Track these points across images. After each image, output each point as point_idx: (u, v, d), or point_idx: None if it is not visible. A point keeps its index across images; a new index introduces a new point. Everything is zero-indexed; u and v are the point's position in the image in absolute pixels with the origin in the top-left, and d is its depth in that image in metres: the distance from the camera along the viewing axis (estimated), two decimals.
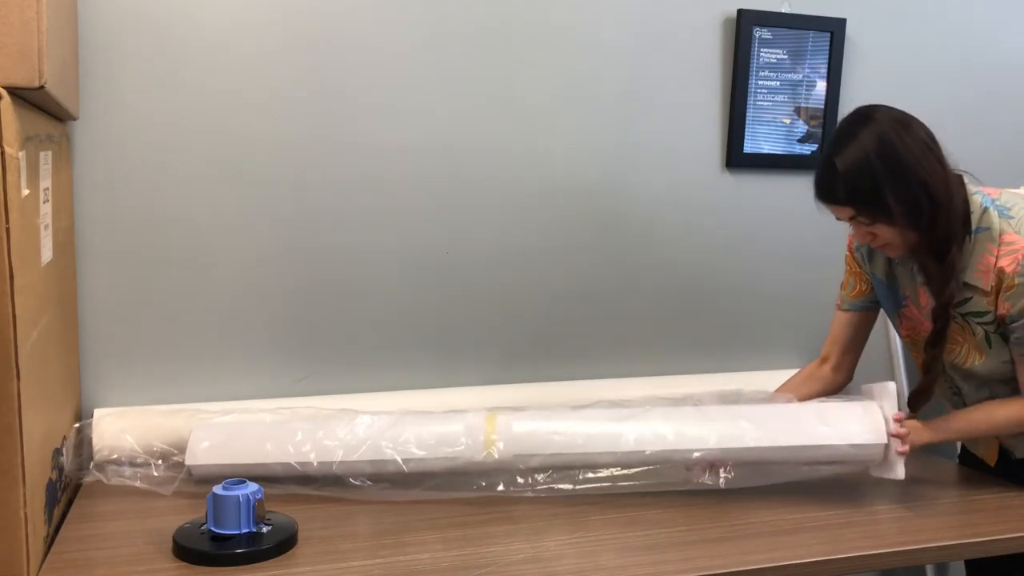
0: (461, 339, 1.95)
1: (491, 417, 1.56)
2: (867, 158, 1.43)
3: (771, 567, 1.33)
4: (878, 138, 1.44)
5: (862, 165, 1.44)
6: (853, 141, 1.46)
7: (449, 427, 1.55)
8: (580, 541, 1.39)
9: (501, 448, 1.53)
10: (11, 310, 1.14)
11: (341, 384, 1.87)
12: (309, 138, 1.79)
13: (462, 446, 1.53)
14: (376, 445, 1.53)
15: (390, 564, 1.30)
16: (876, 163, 1.43)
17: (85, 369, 1.72)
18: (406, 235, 1.88)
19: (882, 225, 1.48)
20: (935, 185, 1.44)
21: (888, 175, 1.43)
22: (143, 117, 1.69)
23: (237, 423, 1.61)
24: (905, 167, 1.43)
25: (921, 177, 1.44)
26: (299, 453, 1.53)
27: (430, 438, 1.54)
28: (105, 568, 1.27)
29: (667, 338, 2.10)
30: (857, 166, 1.44)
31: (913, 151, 1.44)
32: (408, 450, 1.53)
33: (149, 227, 1.73)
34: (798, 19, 2.07)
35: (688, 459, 1.54)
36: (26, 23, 1.13)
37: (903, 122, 1.46)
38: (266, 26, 1.74)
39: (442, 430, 1.55)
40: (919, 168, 1.44)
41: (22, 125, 1.18)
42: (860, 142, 1.45)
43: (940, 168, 1.46)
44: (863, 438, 1.53)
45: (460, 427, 1.55)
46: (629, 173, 2.01)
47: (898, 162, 1.43)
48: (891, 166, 1.43)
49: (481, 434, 1.54)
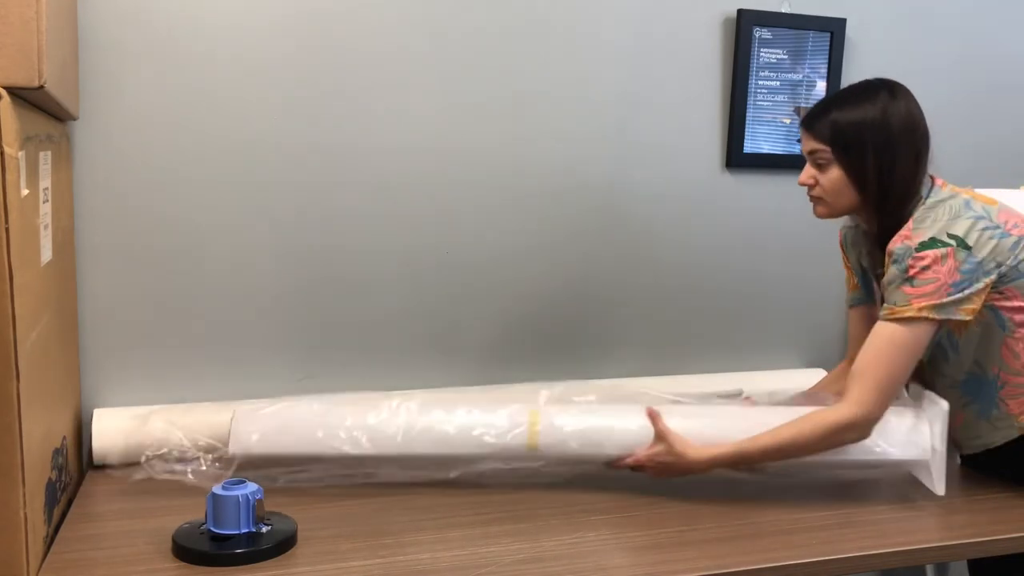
0: (461, 339, 1.95)
1: (535, 412, 1.58)
2: (865, 115, 1.50)
3: (771, 567, 1.33)
4: (884, 107, 1.50)
5: (859, 117, 1.50)
6: (863, 95, 1.52)
7: (500, 414, 1.57)
8: (580, 541, 1.39)
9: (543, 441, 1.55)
10: (11, 310, 1.14)
11: (341, 384, 1.87)
12: (309, 138, 1.79)
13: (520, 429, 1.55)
14: (431, 428, 1.55)
15: (390, 564, 1.30)
16: (870, 125, 1.49)
17: (85, 369, 1.72)
18: (406, 235, 1.88)
19: (836, 175, 1.52)
20: (905, 176, 1.50)
21: (874, 142, 1.49)
22: (143, 117, 1.69)
23: (280, 410, 1.60)
24: (892, 145, 1.49)
25: (899, 162, 1.50)
26: (351, 439, 1.54)
27: (483, 424, 1.56)
28: (105, 568, 1.27)
29: (667, 338, 2.10)
30: (854, 115, 1.50)
31: (904, 135, 1.50)
32: (465, 435, 1.55)
33: (149, 227, 1.73)
34: (798, 19, 2.07)
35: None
36: (26, 23, 1.13)
37: (912, 106, 1.52)
38: (266, 26, 1.74)
39: (493, 418, 1.57)
40: (900, 154, 1.50)
41: (22, 125, 1.18)
42: (869, 98, 1.51)
43: (916, 166, 1.52)
44: (906, 454, 1.55)
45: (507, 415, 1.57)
46: (629, 173, 2.01)
47: (888, 137, 1.49)
48: (881, 137, 1.49)
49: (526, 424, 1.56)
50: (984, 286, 1.47)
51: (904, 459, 1.56)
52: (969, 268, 1.45)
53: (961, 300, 1.46)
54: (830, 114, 1.52)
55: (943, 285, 1.45)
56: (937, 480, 1.56)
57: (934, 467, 1.56)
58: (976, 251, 1.45)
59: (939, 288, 1.45)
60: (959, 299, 1.46)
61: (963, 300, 1.46)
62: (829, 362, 2.23)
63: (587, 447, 1.55)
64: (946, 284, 1.45)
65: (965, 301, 1.46)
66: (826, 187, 1.54)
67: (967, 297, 1.46)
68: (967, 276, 1.45)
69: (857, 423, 1.47)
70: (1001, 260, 1.47)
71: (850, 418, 1.47)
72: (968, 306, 1.47)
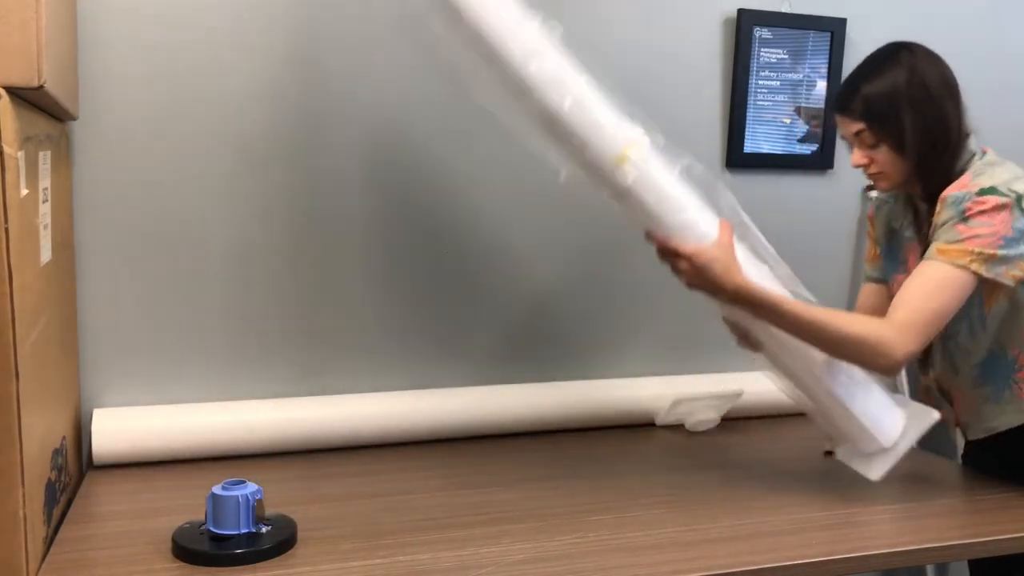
0: (461, 339, 1.95)
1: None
2: (895, 79, 1.49)
3: (771, 567, 1.33)
4: (910, 65, 1.50)
5: (889, 84, 1.49)
6: (885, 61, 1.52)
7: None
8: (580, 541, 1.39)
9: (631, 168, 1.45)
10: (10, 310, 1.14)
11: (341, 384, 1.87)
12: (309, 138, 1.79)
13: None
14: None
15: (390, 564, 1.29)
16: (903, 87, 1.49)
17: (85, 369, 1.72)
18: (406, 234, 1.88)
19: (886, 149, 1.51)
20: (952, 124, 1.50)
21: (911, 100, 1.48)
22: (142, 117, 1.69)
23: None
24: (931, 97, 1.49)
25: (943, 111, 1.49)
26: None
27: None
28: (105, 568, 1.27)
29: (668, 338, 2.10)
30: (884, 84, 1.50)
31: (941, 87, 1.50)
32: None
33: (148, 227, 1.72)
34: (798, 19, 2.07)
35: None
36: (25, 23, 1.13)
37: (937, 59, 1.52)
38: (266, 26, 1.74)
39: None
40: (944, 103, 1.50)
41: (21, 125, 1.18)
42: (892, 62, 1.51)
43: (958, 112, 1.51)
44: (873, 427, 1.54)
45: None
46: None
47: (925, 91, 1.49)
48: (917, 93, 1.48)
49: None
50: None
51: (868, 430, 1.54)
52: (1022, 228, 1.44)
53: (1010, 259, 1.43)
54: (860, 91, 1.51)
55: (996, 234, 1.42)
56: (876, 468, 1.55)
57: (885, 457, 1.55)
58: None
59: (992, 236, 1.42)
60: (1008, 257, 1.43)
61: (1011, 260, 1.44)
62: None
63: (659, 203, 1.47)
64: (999, 235, 1.42)
65: (1012, 263, 1.44)
66: (882, 161, 1.53)
67: (1015, 258, 1.44)
68: (1019, 235, 1.43)
69: (893, 347, 1.42)
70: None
71: (888, 338, 1.42)
72: (1013, 271, 1.44)
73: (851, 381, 1.54)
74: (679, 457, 1.80)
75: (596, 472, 1.70)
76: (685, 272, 1.48)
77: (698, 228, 1.48)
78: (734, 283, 1.44)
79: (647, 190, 1.46)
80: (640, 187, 1.46)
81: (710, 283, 1.45)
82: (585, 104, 1.45)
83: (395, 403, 1.81)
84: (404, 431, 1.81)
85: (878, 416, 1.56)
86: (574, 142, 1.46)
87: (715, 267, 1.44)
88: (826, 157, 2.15)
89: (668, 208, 1.47)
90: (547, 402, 1.90)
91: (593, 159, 1.46)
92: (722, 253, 1.45)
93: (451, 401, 1.84)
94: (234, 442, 1.70)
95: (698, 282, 1.47)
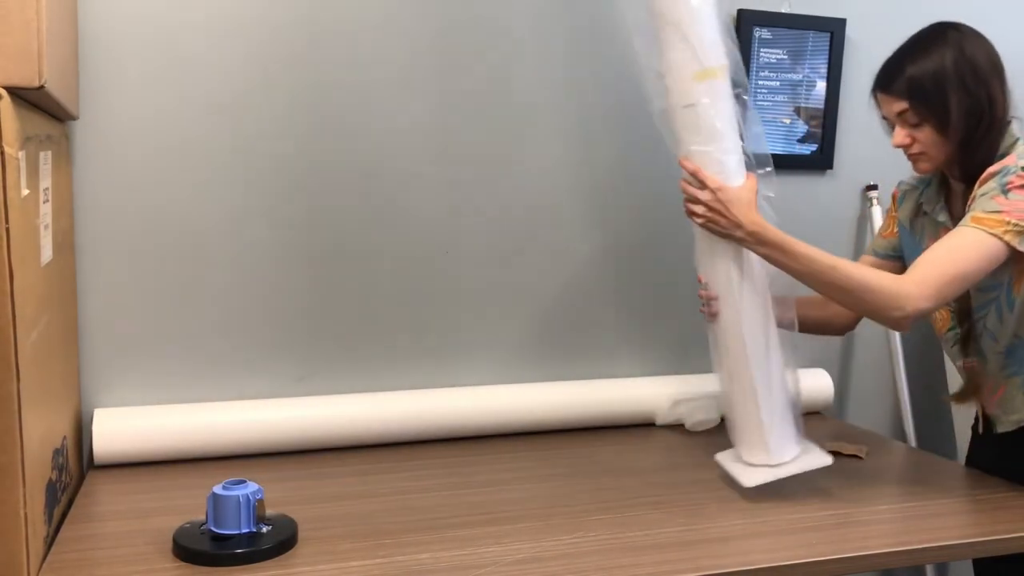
0: (461, 339, 1.95)
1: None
2: (942, 58, 1.48)
3: (771, 567, 1.33)
4: (958, 45, 1.48)
5: (936, 63, 1.48)
6: (932, 40, 1.50)
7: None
8: (580, 541, 1.39)
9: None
10: (11, 310, 1.14)
11: (341, 384, 1.87)
12: (309, 138, 1.79)
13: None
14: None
15: (390, 564, 1.30)
16: (950, 66, 1.47)
17: (85, 369, 1.72)
18: (406, 235, 1.88)
19: (928, 129, 1.50)
20: (998, 104, 1.49)
21: (959, 80, 1.47)
22: (143, 117, 1.70)
23: None
24: (978, 77, 1.48)
25: (990, 91, 1.48)
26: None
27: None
28: (105, 568, 1.27)
29: (668, 338, 2.10)
30: (931, 63, 1.48)
31: (988, 67, 1.49)
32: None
33: (149, 227, 1.73)
34: (798, 19, 2.07)
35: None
36: (26, 23, 1.13)
37: (984, 40, 1.51)
38: (266, 26, 1.74)
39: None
40: (991, 82, 1.49)
41: (22, 125, 1.18)
42: (939, 41, 1.49)
43: (1004, 93, 1.51)
44: (779, 445, 1.56)
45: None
46: (629, 173, 2.01)
47: (973, 71, 1.47)
48: (965, 72, 1.47)
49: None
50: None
51: (765, 438, 1.55)
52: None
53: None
54: (905, 70, 1.50)
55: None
56: (753, 478, 1.55)
57: (766, 472, 1.55)
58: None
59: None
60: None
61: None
62: (829, 361, 2.23)
63: (711, 134, 1.49)
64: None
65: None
66: (925, 142, 1.52)
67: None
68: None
69: (908, 299, 1.40)
70: None
71: (906, 290, 1.40)
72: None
73: (775, 388, 1.55)
74: (679, 457, 1.80)
75: (596, 472, 1.70)
76: (705, 205, 1.49)
77: (730, 171, 1.50)
78: (752, 220, 1.46)
79: (707, 116, 1.49)
80: (704, 110, 1.49)
81: (729, 219, 1.47)
82: (703, 11, 1.48)
83: (395, 403, 1.81)
84: (404, 431, 1.81)
85: (780, 432, 1.56)
86: (676, 36, 1.49)
87: (737, 205, 1.46)
88: (826, 157, 2.15)
89: (716, 143, 1.50)
90: (547, 402, 1.90)
91: (682, 61, 1.49)
92: (746, 194, 1.48)
93: (451, 401, 1.84)
94: (234, 442, 1.70)
95: (715, 218, 1.48)
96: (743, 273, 1.53)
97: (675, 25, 1.49)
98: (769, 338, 1.56)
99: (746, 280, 1.54)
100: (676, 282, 2.09)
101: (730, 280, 1.53)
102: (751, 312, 1.54)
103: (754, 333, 1.54)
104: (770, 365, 1.55)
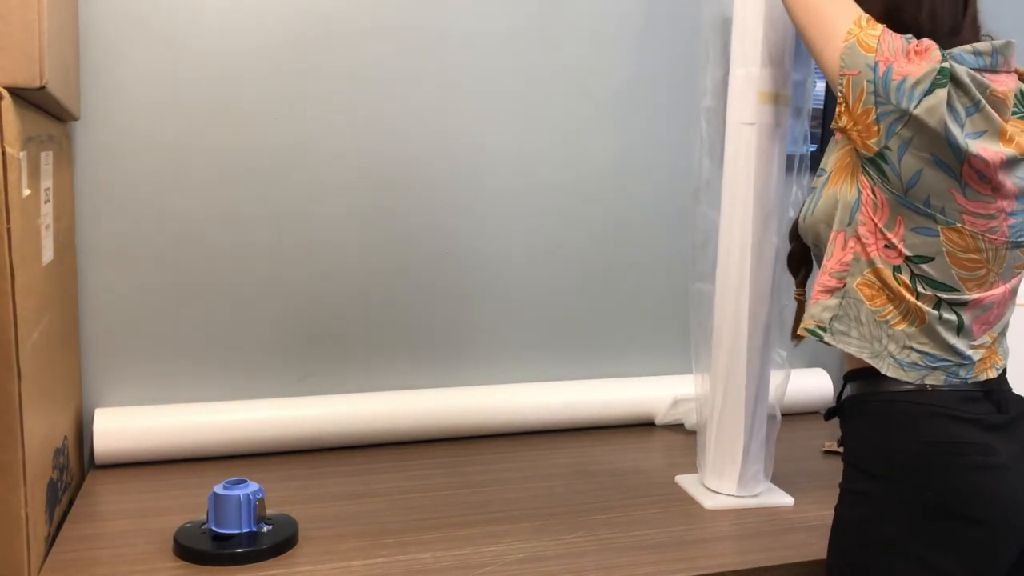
0: (461, 339, 1.95)
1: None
2: None
3: (771, 567, 1.33)
4: None
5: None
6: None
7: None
8: (580, 541, 1.39)
9: None
10: (12, 310, 1.15)
11: (341, 384, 1.87)
12: (309, 138, 1.79)
13: None
14: None
15: (390, 564, 1.30)
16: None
17: (85, 369, 1.72)
18: (406, 234, 1.88)
19: None
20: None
21: None
22: (144, 117, 1.70)
23: None
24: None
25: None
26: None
27: None
28: (106, 568, 1.27)
29: (668, 338, 2.10)
30: None
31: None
32: None
33: (150, 227, 1.73)
34: None
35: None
36: (27, 23, 1.14)
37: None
38: (266, 26, 1.74)
39: None
40: None
41: (23, 125, 1.18)
42: None
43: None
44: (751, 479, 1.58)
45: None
46: (629, 173, 2.01)
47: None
48: None
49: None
50: None
51: (737, 461, 1.56)
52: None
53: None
54: None
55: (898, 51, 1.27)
56: (714, 501, 1.55)
57: (728, 499, 1.55)
58: None
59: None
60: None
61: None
62: (829, 361, 2.23)
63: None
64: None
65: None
66: None
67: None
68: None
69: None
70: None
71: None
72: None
73: (759, 421, 1.56)
74: (679, 457, 1.80)
75: (595, 472, 1.70)
76: None
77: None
78: None
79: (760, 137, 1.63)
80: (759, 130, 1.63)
81: None
82: (788, 38, 1.61)
83: (396, 403, 1.81)
84: (405, 431, 1.81)
85: (755, 460, 1.56)
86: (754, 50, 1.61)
87: None
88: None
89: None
90: (547, 402, 1.91)
91: (750, 77, 1.62)
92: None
93: (451, 401, 1.85)
94: (235, 442, 1.70)
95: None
96: (757, 295, 1.60)
97: (757, 42, 1.61)
98: (765, 367, 1.58)
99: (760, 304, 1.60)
100: (676, 282, 2.09)
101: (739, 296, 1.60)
102: (757, 348, 1.57)
103: (754, 371, 1.56)
104: (759, 399, 1.56)
